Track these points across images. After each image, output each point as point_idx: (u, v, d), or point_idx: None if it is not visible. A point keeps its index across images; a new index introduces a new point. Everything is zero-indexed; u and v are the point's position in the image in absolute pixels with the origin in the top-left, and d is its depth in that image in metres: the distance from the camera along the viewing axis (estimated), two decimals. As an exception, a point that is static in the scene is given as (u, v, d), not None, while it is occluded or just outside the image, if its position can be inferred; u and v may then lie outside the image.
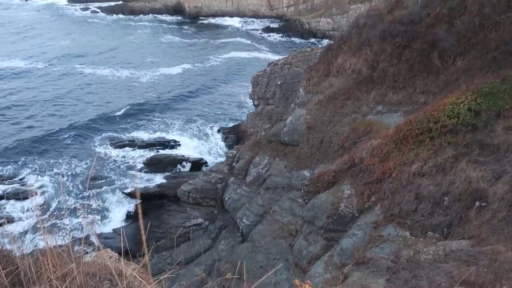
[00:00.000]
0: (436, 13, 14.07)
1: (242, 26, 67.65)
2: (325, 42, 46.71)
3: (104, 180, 24.12)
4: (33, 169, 24.87)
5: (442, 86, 12.60)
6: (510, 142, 7.78)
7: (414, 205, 7.93)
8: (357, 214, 9.71)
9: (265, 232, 13.89)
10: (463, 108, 9.14)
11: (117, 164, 25.87)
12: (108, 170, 25.23)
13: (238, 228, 16.13)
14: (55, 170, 24.95)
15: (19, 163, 25.40)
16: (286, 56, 25.96)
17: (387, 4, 18.45)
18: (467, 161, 7.84)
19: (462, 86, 10.99)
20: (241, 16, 71.92)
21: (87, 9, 76.07)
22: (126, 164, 25.90)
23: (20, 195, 21.60)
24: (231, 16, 72.00)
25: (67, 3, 79.67)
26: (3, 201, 21.61)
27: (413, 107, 12.97)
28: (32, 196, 20.31)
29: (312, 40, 58.14)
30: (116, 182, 24.14)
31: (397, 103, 13.65)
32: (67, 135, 28.94)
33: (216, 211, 18.11)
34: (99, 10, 75.00)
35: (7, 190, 22.42)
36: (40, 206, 21.09)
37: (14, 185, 23.10)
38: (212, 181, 18.57)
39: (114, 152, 27.19)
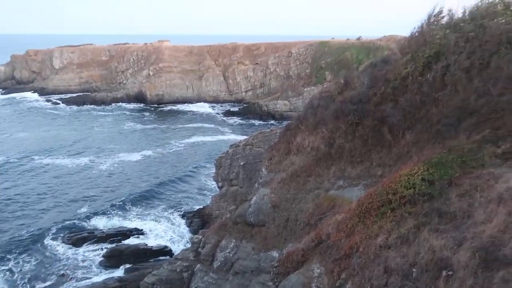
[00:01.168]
0: (382, 92, 15.27)
1: (203, 111, 69.99)
2: (284, 122, 48.90)
3: (55, 278, 22.14)
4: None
5: (396, 159, 13.25)
6: (465, 209, 8.09)
7: (384, 280, 7.81)
8: (329, 294, 9.37)
9: (236, 323, 12.96)
10: (418, 179, 9.55)
11: (73, 259, 24.07)
12: (62, 266, 23.36)
13: (207, 321, 15.01)
14: (3, 266, 22.79)
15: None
16: (247, 137, 26.71)
17: (337, 86, 19.91)
18: (428, 230, 7.99)
19: (414, 157, 11.61)
20: (201, 102, 74.80)
21: (49, 100, 76.50)
22: (83, 259, 24.17)
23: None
24: (191, 102, 74.75)
25: (38, 97, 79.81)
26: None
27: (372, 180, 13.40)
28: None
29: (271, 121, 60.72)
30: (71, 280, 22.23)
31: (357, 177, 14.07)
32: (20, 229, 27.05)
33: (182, 303, 16.89)
34: (60, 102, 75.59)
35: None
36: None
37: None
38: (178, 270, 17.58)
39: (70, 246, 25.47)
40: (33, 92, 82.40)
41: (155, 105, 73.26)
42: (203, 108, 72.14)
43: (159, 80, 76.06)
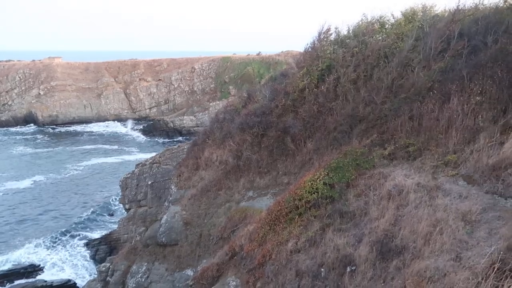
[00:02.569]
0: (283, 104, 16.10)
1: (104, 131, 66.13)
2: (191, 138, 48.54)
3: None
4: None
5: (300, 166, 14.03)
6: (362, 207, 8.87)
7: (296, 283, 8.15)
8: (246, 305, 9.46)
9: None
10: (320, 183, 10.23)
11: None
12: None
13: None
14: None
15: None
16: (154, 155, 25.88)
17: (241, 100, 20.47)
18: (332, 231, 8.58)
19: (315, 164, 12.42)
20: (102, 121, 70.62)
21: None
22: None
23: None
24: (91, 121, 70.17)
25: None
26: None
27: (279, 188, 13.97)
28: None
29: (179, 137, 59.78)
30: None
31: (265, 187, 14.54)
32: None
33: None
34: None
35: None
36: None
37: None
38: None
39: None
40: None
41: (48, 127, 67.08)
42: (103, 127, 68.09)
43: (52, 99, 70.00)
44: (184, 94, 72.00)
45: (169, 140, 58.63)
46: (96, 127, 67.81)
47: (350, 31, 16.22)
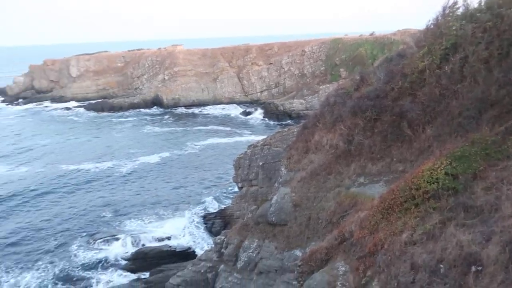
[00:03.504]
0: (399, 87, 15.14)
1: (219, 113, 70.41)
2: (301, 121, 48.87)
3: (82, 282, 22.69)
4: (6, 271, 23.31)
5: (417, 154, 13.12)
6: (492, 202, 7.98)
7: (411, 276, 7.77)
8: (355, 292, 9.37)
9: (262, 322, 13.07)
10: (441, 173, 9.46)
11: (98, 263, 24.61)
12: (90, 270, 23.92)
13: (233, 321, 15.16)
14: (33, 271, 23.46)
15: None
16: (264, 137, 26.79)
17: (353, 82, 19.81)
18: (454, 225, 7.92)
19: (436, 152, 11.48)
20: (217, 104, 75.22)
21: (68, 108, 78.17)
22: (108, 262, 24.69)
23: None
24: (207, 104, 75.22)
25: (57, 105, 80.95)
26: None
27: (393, 176, 13.30)
28: None
29: (288, 120, 60.60)
30: (96, 283, 22.74)
31: (377, 173, 13.99)
32: (48, 234, 27.83)
33: (208, 304, 17.09)
34: (78, 109, 77.19)
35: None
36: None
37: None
38: (202, 271, 17.80)
39: (95, 249, 26.05)
40: (52, 101, 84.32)
41: (172, 109, 74.06)
42: (219, 110, 72.60)
43: (175, 84, 76.86)
44: (294, 78, 72.42)
45: (279, 123, 59.92)
46: (212, 110, 72.64)
47: (482, 4, 14.34)
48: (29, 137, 57.30)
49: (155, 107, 75.83)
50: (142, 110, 74.93)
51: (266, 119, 63.93)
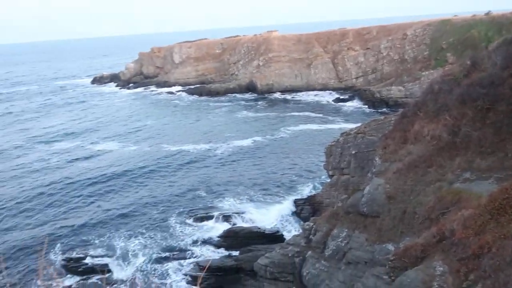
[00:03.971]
0: (520, 74, 13.40)
1: (311, 99, 69.77)
2: (399, 110, 46.28)
3: (177, 253, 24.64)
4: (113, 240, 26.31)
5: (539, 150, 11.56)
6: None
7: (524, 286, 6.96)
8: (454, 295, 8.71)
9: (348, 312, 12.88)
10: None
11: (193, 238, 26.45)
12: (184, 242, 25.87)
13: (318, 307, 15.19)
14: (136, 240, 26.16)
15: (104, 237, 27.04)
16: (358, 125, 25.89)
17: (463, 68, 18.03)
18: None
19: None
20: (310, 90, 74.48)
21: (170, 93, 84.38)
22: (202, 237, 26.40)
23: (97, 269, 22.64)
24: (300, 90, 74.90)
25: (161, 90, 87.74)
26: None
27: (507, 173, 11.92)
28: (103, 272, 21.40)
29: (384, 108, 57.65)
30: (192, 255, 24.52)
31: (487, 169, 12.65)
32: (149, 207, 30.73)
33: (294, 287, 17.36)
34: (180, 93, 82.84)
35: (89, 264, 23.64)
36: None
37: (91, 260, 24.45)
38: (289, 255, 18.08)
39: (191, 225, 28.03)
40: (157, 86, 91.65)
41: (265, 95, 75.40)
42: (311, 96, 71.95)
43: (269, 70, 77.92)
44: (393, 63, 68.29)
45: (374, 111, 57.41)
46: (305, 96, 72.27)
47: None
48: (138, 118, 63.24)
49: (249, 92, 77.89)
50: (237, 95, 77.55)
51: (361, 106, 61.66)
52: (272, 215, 28.62)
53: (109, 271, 23.07)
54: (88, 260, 23.90)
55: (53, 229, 28.15)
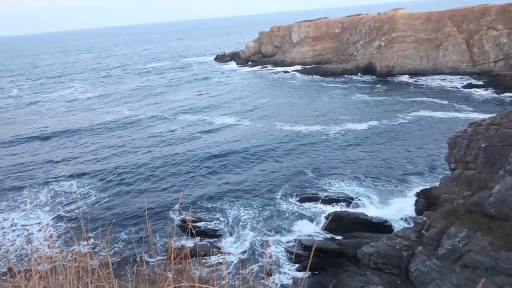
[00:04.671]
0: None
1: (437, 84, 63.66)
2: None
3: (283, 230, 25.26)
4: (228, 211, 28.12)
5: None
6: None
7: None
8: None
9: (460, 319, 11.76)
10: None
11: (299, 216, 26.83)
12: (290, 220, 26.42)
13: (424, 307, 14.19)
14: (247, 210, 27.60)
15: (217, 205, 29.09)
16: (493, 116, 22.80)
17: None
18: None
19: None
20: (436, 74, 67.90)
21: (286, 72, 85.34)
22: (307, 217, 26.61)
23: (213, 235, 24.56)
24: (425, 74, 68.79)
25: (277, 69, 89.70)
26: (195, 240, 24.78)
27: None
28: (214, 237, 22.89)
29: (527, 98, 49.79)
30: (295, 233, 24.93)
31: None
32: (257, 182, 32.02)
33: (399, 281, 16.47)
34: (295, 73, 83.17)
35: (202, 228, 25.74)
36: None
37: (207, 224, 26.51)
38: (397, 247, 17.13)
39: (296, 204, 28.40)
40: (273, 65, 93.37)
41: (384, 77, 71.17)
42: (437, 81, 65.55)
43: (391, 51, 72.99)
44: (545, 45, 58.02)
45: (513, 101, 49.96)
46: (429, 80, 66.21)
47: None
48: (254, 96, 65.53)
49: (367, 75, 74.35)
50: (353, 77, 74.72)
51: (496, 94, 54.13)
52: (380, 203, 27.36)
53: (219, 235, 24.91)
54: (201, 224, 26.10)
55: (174, 193, 31.34)
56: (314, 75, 78.81)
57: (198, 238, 24.71)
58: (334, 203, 27.59)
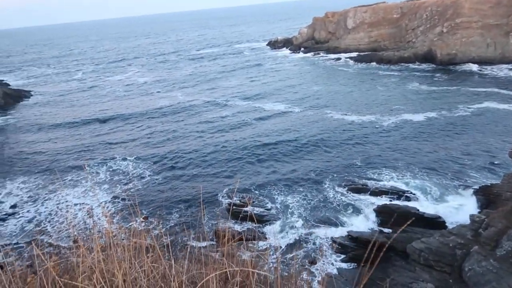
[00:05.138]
0: None
1: (504, 74, 59.09)
2: None
3: (330, 220, 25.04)
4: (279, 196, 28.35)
5: None
6: None
7: None
8: None
9: (517, 325, 11.09)
10: None
11: (347, 207, 26.45)
12: (337, 210, 26.11)
13: (478, 309, 13.53)
14: (296, 196, 27.68)
15: (265, 192, 29.39)
16: None
17: None
18: None
19: None
20: (505, 63, 63.02)
21: (338, 59, 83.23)
22: (355, 208, 26.16)
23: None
24: (492, 63, 64.07)
25: (330, 55, 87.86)
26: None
27: None
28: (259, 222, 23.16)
29: None
30: (342, 224, 24.64)
31: None
32: (307, 170, 31.86)
33: (451, 280, 15.79)
34: (349, 60, 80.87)
35: (248, 212, 26.16)
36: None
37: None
38: (450, 245, 16.39)
39: (345, 194, 27.97)
40: (326, 51, 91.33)
41: (445, 66, 67.19)
42: (505, 70, 60.81)
43: (453, 37, 68.58)
44: None
45: None
46: (496, 69, 61.60)
47: None
48: (305, 84, 64.72)
49: (426, 63, 70.58)
50: (410, 65, 71.28)
51: None
52: (434, 198, 26.20)
53: (267, 221, 25.22)
54: (250, 209, 26.53)
55: (224, 179, 32.12)
56: (369, 63, 76.19)
57: (247, 223, 25.18)
58: (384, 195, 26.87)
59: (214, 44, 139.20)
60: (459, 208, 24.82)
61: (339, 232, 23.55)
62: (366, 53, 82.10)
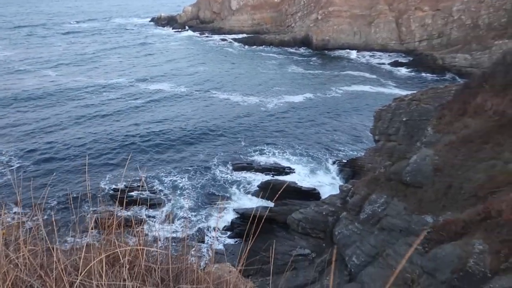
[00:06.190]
0: None
1: (368, 60, 66.64)
2: (461, 79, 43.57)
3: (217, 199, 25.66)
4: (162, 179, 27.81)
5: None
6: None
7: None
8: (489, 275, 8.45)
9: (376, 276, 12.99)
10: None
11: (233, 185, 27.33)
12: (224, 189, 26.83)
13: (346, 266, 15.42)
14: (183, 180, 27.50)
15: (152, 176, 28.59)
16: (414, 92, 24.60)
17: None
18: None
19: None
20: (368, 50, 70.95)
21: (224, 40, 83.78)
22: (241, 186, 27.19)
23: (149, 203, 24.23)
24: (358, 49, 71.53)
25: (215, 36, 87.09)
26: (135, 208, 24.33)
27: None
28: (160, 205, 22.71)
29: (445, 77, 54.12)
30: (230, 201, 25.46)
31: (551, 153, 11.71)
32: (195, 154, 31.82)
33: (324, 244, 17.66)
34: (233, 41, 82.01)
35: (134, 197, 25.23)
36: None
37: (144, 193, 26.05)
38: (324, 213, 18.24)
39: (231, 173, 28.85)
40: (211, 32, 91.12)
41: (320, 51, 72.85)
42: (367, 56, 68.66)
43: (327, 24, 74.59)
44: (463, 28, 62.89)
45: (433, 79, 54.07)
46: (360, 56, 69.04)
47: None
48: (190, 64, 63.79)
49: (303, 47, 75.54)
50: (290, 49, 75.49)
51: (419, 72, 58.13)
52: (311, 173, 28.68)
53: (154, 205, 24.60)
54: (135, 193, 25.50)
55: (105, 166, 30.12)
56: (251, 45, 78.37)
57: (135, 207, 24.18)
58: (267, 172, 28.40)
59: (91, 18, 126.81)
60: (331, 180, 27.68)
61: (225, 210, 24.27)
62: (249, 35, 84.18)
